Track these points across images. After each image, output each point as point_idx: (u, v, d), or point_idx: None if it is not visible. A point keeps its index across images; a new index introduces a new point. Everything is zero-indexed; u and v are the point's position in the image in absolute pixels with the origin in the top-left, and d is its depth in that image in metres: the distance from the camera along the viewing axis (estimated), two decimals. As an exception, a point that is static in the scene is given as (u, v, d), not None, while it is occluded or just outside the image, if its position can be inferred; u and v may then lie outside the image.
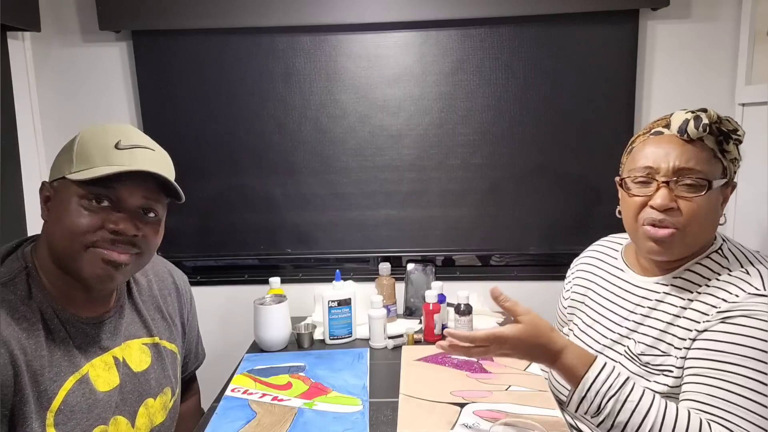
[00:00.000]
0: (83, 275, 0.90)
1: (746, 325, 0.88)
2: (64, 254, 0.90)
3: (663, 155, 0.96)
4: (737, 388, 0.87)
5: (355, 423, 1.07)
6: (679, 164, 0.94)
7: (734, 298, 0.92)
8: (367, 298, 1.50)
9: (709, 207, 0.95)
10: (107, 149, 0.90)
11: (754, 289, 0.91)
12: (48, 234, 0.92)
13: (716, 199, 0.97)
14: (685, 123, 0.94)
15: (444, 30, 1.64)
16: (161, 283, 1.15)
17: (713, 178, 0.95)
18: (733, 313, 0.91)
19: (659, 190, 0.95)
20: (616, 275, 1.14)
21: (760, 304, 0.89)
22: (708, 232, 1.00)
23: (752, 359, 0.87)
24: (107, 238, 0.89)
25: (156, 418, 1.05)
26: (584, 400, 0.90)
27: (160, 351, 1.08)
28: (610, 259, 1.19)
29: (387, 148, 1.72)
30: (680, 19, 1.61)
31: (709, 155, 0.95)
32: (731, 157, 0.98)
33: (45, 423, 0.86)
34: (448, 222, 1.75)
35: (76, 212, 0.88)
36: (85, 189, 0.88)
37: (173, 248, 1.75)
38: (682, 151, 0.95)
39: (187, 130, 1.72)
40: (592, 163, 1.68)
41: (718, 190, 0.97)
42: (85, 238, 0.88)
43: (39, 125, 1.70)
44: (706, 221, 0.97)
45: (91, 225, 0.88)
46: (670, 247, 0.98)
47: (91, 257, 0.89)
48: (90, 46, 1.70)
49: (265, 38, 1.67)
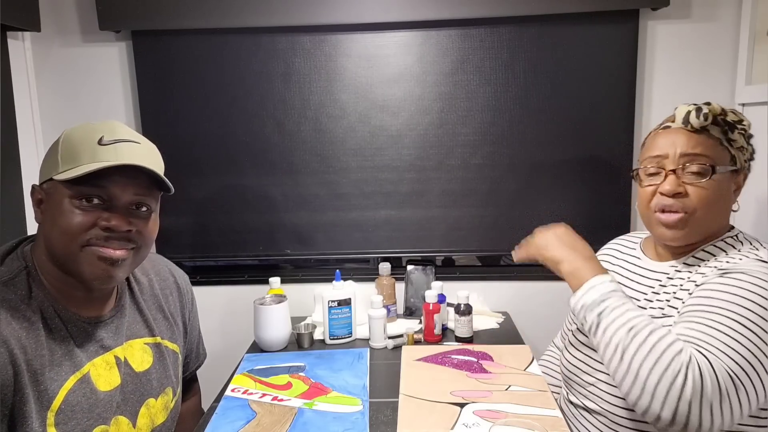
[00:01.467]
0: (83, 275, 0.90)
1: (741, 280, 0.92)
2: (61, 255, 0.90)
3: (670, 144, 1.02)
4: (722, 327, 0.89)
5: (355, 423, 1.07)
6: (685, 150, 1.00)
7: (736, 261, 0.96)
8: (367, 298, 1.50)
9: (717, 192, 1.00)
10: (92, 146, 0.89)
11: (757, 257, 0.96)
12: (44, 236, 0.92)
13: (726, 185, 1.02)
14: (688, 114, 1.01)
15: (444, 30, 1.64)
16: (163, 283, 1.15)
17: (719, 164, 1.00)
18: (731, 271, 0.94)
19: (667, 177, 1.01)
20: (634, 263, 1.18)
21: (759, 267, 0.93)
22: (719, 217, 1.04)
23: (740, 306, 0.89)
24: (101, 235, 0.89)
25: (157, 418, 1.05)
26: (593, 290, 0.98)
27: (162, 351, 1.08)
28: (628, 251, 1.22)
29: (387, 148, 1.72)
30: (680, 19, 1.61)
31: (714, 143, 1.01)
32: (738, 146, 1.02)
33: (45, 422, 0.86)
34: (448, 222, 1.75)
35: (68, 213, 0.88)
36: (74, 189, 0.88)
37: (173, 248, 1.75)
38: (688, 139, 1.01)
39: (186, 130, 1.72)
40: (592, 163, 1.68)
41: (727, 176, 1.01)
42: (80, 238, 0.88)
43: (39, 125, 1.70)
44: (716, 206, 1.01)
45: (83, 224, 0.88)
46: (682, 231, 1.02)
47: (88, 256, 0.89)
48: (90, 46, 1.70)
49: (265, 38, 1.67)
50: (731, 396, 0.84)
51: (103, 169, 0.87)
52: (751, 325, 0.88)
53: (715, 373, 0.84)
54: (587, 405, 1.10)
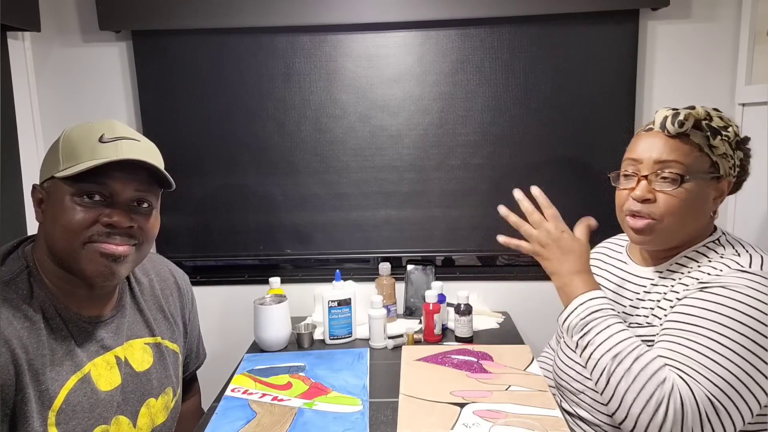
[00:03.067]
0: (85, 272, 0.90)
1: (722, 295, 0.92)
2: (64, 253, 0.90)
3: (647, 148, 1.01)
4: (702, 349, 0.89)
5: (355, 423, 1.07)
6: (659, 157, 0.99)
7: (717, 272, 0.96)
8: (367, 298, 1.50)
9: (688, 200, 0.99)
10: (92, 144, 0.89)
11: (738, 266, 0.95)
12: (46, 235, 0.92)
13: (701, 192, 1.00)
14: (665, 119, 0.99)
15: (444, 30, 1.64)
16: (163, 283, 1.15)
17: (693, 172, 0.98)
18: (711, 284, 0.94)
19: (639, 182, 1.01)
20: (620, 267, 1.18)
21: (740, 279, 0.93)
22: (693, 224, 1.03)
23: (720, 325, 0.90)
24: (102, 231, 0.89)
25: (157, 418, 1.05)
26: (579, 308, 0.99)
27: (162, 351, 1.08)
28: (615, 254, 1.22)
29: (387, 148, 1.72)
30: (680, 19, 1.61)
31: (692, 149, 0.99)
32: (719, 153, 0.99)
33: (46, 422, 0.86)
34: (448, 222, 1.75)
35: (70, 210, 0.88)
36: (75, 186, 0.88)
37: (173, 248, 1.75)
38: (664, 144, 1.00)
39: (186, 130, 1.72)
40: (592, 163, 1.68)
41: (704, 183, 1.00)
42: (82, 235, 0.88)
43: (39, 125, 1.70)
44: (686, 213, 1.00)
45: (85, 220, 0.88)
46: (649, 237, 1.03)
47: (90, 253, 0.89)
48: (90, 46, 1.70)
49: (265, 38, 1.67)
50: (712, 421, 0.87)
51: (104, 166, 0.87)
52: (731, 344, 0.88)
53: (696, 401, 0.86)
54: (580, 414, 1.10)
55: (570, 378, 1.13)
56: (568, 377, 1.14)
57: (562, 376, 1.15)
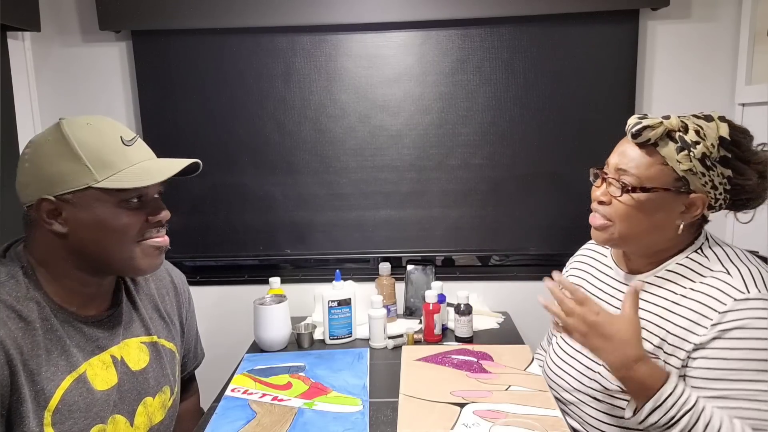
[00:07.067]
0: (141, 268, 0.96)
1: (742, 338, 0.91)
2: (114, 255, 0.93)
3: (619, 153, 1.03)
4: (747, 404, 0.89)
5: (355, 423, 1.06)
6: (618, 163, 1.01)
7: (723, 307, 0.93)
8: (367, 298, 1.50)
9: (639, 209, 0.98)
10: (118, 148, 0.92)
11: (739, 293, 0.92)
12: (74, 243, 0.91)
13: (660, 203, 0.98)
14: (631, 127, 0.98)
15: (444, 30, 1.64)
16: (159, 282, 1.15)
17: (649, 184, 0.97)
18: (726, 326, 0.92)
19: (602, 184, 1.05)
20: (606, 273, 1.17)
21: (749, 311, 0.91)
22: (651, 231, 1.01)
23: (755, 371, 0.89)
24: (151, 228, 0.96)
25: (155, 417, 1.05)
26: (659, 409, 0.90)
27: (159, 350, 1.08)
28: (600, 257, 1.21)
29: (387, 148, 1.72)
30: (680, 19, 1.61)
31: (654, 161, 0.97)
32: (683, 168, 0.94)
33: (42, 422, 0.85)
34: (448, 222, 1.75)
35: (121, 215, 0.92)
36: (119, 194, 0.91)
37: (173, 248, 1.72)
38: (629, 153, 1.00)
39: (186, 130, 1.72)
40: (592, 163, 1.66)
41: (666, 195, 0.97)
42: (136, 235, 0.94)
43: (39, 125, 1.70)
44: (637, 221, 1.00)
45: (136, 223, 0.94)
46: (603, 235, 1.05)
47: (145, 249, 0.95)
48: (90, 46, 1.70)
49: (265, 38, 1.67)
50: None
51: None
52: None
53: None
54: (573, 425, 1.10)
55: (560, 389, 1.13)
56: (559, 387, 1.13)
57: (553, 386, 1.15)
